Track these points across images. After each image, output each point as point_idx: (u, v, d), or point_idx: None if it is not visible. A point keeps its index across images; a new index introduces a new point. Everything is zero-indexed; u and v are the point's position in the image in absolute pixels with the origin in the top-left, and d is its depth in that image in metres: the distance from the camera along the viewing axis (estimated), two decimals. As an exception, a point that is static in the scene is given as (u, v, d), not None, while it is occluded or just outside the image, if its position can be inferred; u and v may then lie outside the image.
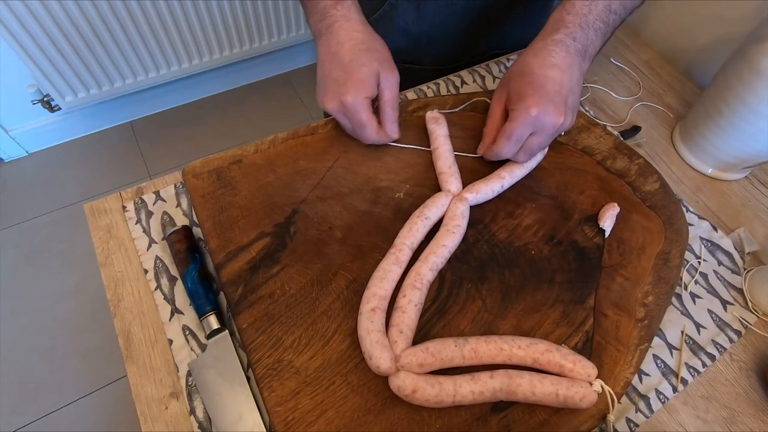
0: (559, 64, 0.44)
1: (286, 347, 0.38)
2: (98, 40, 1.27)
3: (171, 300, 0.45)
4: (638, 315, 0.43)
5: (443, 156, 0.49)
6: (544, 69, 0.44)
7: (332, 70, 0.46)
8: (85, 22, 1.21)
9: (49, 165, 1.52)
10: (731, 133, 0.56)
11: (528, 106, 0.43)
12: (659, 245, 0.48)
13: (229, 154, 0.50)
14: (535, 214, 0.49)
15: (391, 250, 0.42)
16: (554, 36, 0.46)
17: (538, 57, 0.45)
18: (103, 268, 0.46)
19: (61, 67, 1.26)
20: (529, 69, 0.45)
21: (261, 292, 0.41)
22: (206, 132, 1.65)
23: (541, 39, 0.47)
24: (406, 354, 0.36)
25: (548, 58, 0.45)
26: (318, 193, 0.48)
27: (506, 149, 0.46)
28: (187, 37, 1.39)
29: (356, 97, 0.45)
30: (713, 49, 0.69)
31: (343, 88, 0.45)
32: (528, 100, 0.44)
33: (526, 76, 0.45)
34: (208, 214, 0.45)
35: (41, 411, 1.12)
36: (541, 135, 0.45)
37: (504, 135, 0.45)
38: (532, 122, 0.44)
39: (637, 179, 0.52)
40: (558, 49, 0.45)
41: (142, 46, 1.34)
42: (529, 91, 0.44)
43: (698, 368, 0.44)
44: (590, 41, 0.47)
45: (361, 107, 0.46)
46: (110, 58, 1.32)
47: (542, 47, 0.46)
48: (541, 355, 0.38)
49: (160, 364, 0.42)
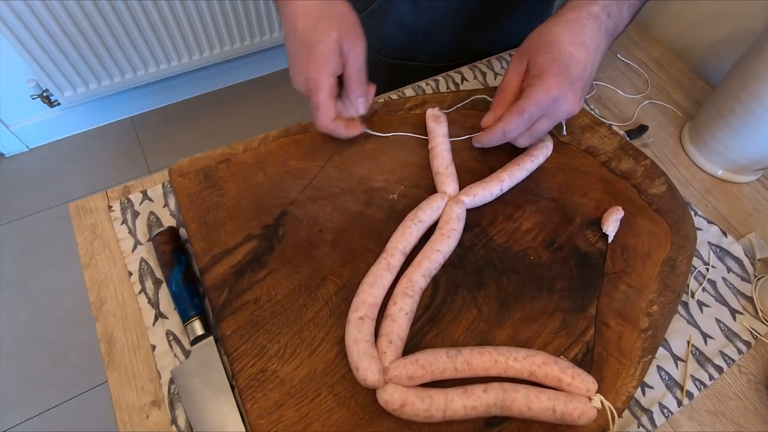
0: (588, 44, 0.40)
1: (270, 356, 0.37)
2: (97, 35, 1.25)
3: (155, 304, 0.43)
4: (642, 325, 0.41)
5: (440, 155, 0.47)
6: (572, 47, 0.40)
7: (291, 46, 0.43)
8: (83, 16, 1.20)
9: (50, 160, 1.52)
10: (744, 133, 0.53)
11: (549, 87, 0.40)
12: (665, 251, 0.45)
13: (218, 152, 0.48)
14: (536, 218, 0.46)
15: (383, 255, 0.40)
16: (590, 8, 0.41)
17: (568, 30, 0.41)
18: (86, 269, 0.45)
19: (60, 63, 1.25)
20: (556, 43, 0.40)
21: (246, 297, 0.39)
22: (207, 127, 1.63)
23: (575, 9, 0.41)
24: (395, 366, 0.34)
25: (579, 34, 0.40)
26: (309, 193, 0.46)
27: (514, 126, 0.42)
28: (187, 32, 1.37)
29: (318, 75, 0.41)
30: (726, 45, 0.66)
31: (306, 64, 0.42)
32: (550, 79, 0.40)
33: (552, 51, 0.40)
34: (194, 215, 0.43)
35: (41, 407, 1.12)
36: (551, 119, 0.42)
37: (516, 110, 0.41)
38: (549, 104, 0.40)
39: (643, 181, 0.50)
40: (591, 24, 0.41)
41: (141, 42, 1.33)
42: (554, 69, 0.40)
43: (705, 381, 0.42)
44: (622, 19, 0.43)
45: (318, 87, 0.42)
46: (109, 53, 1.31)
47: (576, 19, 0.41)
48: (539, 367, 0.36)
49: (142, 371, 0.40)
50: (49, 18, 1.16)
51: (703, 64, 0.69)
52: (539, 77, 0.40)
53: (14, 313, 1.24)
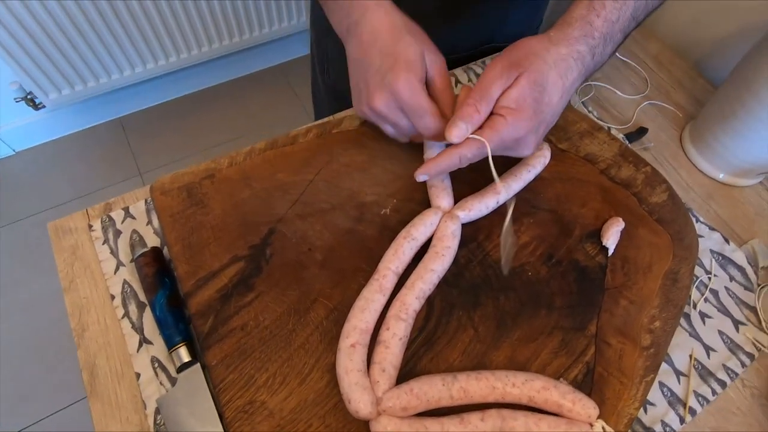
0: (568, 89, 0.39)
1: (259, 386, 0.35)
2: (80, 35, 1.22)
3: (139, 329, 0.41)
4: (644, 343, 0.40)
5: None
6: (555, 89, 0.38)
7: (373, 59, 0.40)
8: (65, 16, 1.16)
9: (38, 163, 1.49)
10: (746, 136, 0.52)
11: (519, 128, 0.37)
12: (667, 264, 0.44)
13: (201, 167, 0.46)
14: (533, 231, 0.45)
15: (375, 276, 0.39)
16: (579, 46, 0.39)
17: (557, 69, 0.38)
18: (66, 293, 0.43)
19: (43, 65, 1.22)
20: (544, 78, 0.38)
21: (233, 323, 0.38)
22: (198, 126, 1.60)
23: (566, 42, 0.39)
24: (389, 396, 0.33)
25: (564, 77, 0.38)
26: (297, 210, 0.44)
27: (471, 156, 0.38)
28: (173, 30, 1.33)
29: (410, 78, 0.38)
30: (729, 42, 0.64)
31: (391, 74, 0.38)
32: (523, 121, 0.37)
33: (538, 85, 0.37)
34: (177, 236, 0.42)
35: (35, 416, 1.11)
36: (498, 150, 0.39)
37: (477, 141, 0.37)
38: (510, 144, 0.38)
39: (643, 189, 0.48)
40: (576, 67, 0.39)
41: (126, 41, 1.29)
42: (530, 110, 0.37)
43: (708, 396, 0.41)
44: (603, 59, 0.41)
45: (418, 90, 0.38)
46: (94, 53, 1.27)
47: (565, 57, 0.38)
48: (538, 393, 0.35)
49: (126, 400, 0.39)
50: (29, 18, 1.12)
51: (704, 61, 0.67)
52: (514, 113, 0.37)
53: (3, 318, 1.22)
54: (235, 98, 1.68)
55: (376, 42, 0.40)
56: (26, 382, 1.15)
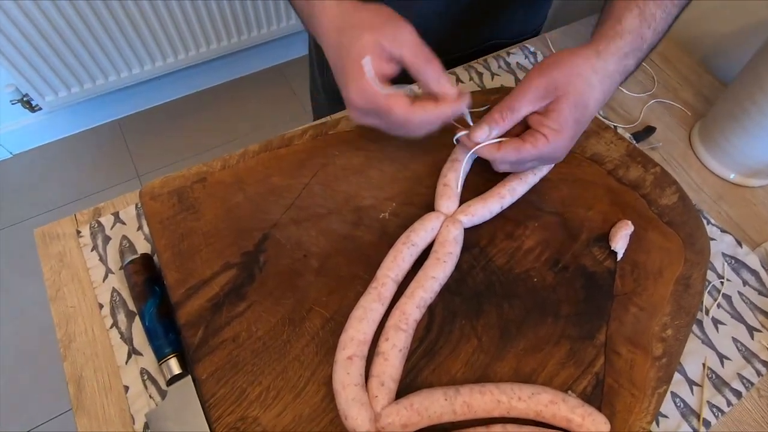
0: (604, 100, 0.38)
1: (251, 401, 0.34)
2: (76, 36, 1.20)
3: (128, 339, 0.40)
4: (656, 352, 0.38)
5: (458, 170, 0.42)
6: (596, 104, 0.37)
7: (332, 62, 0.37)
8: (60, 16, 1.15)
9: (35, 166, 1.48)
10: (758, 135, 0.50)
11: (558, 145, 0.37)
12: (679, 268, 0.42)
13: (193, 171, 0.44)
14: (538, 235, 0.43)
15: (373, 284, 0.37)
16: (628, 61, 0.37)
17: (602, 85, 0.37)
18: (53, 302, 0.42)
19: (39, 66, 1.20)
20: (586, 99, 0.36)
21: (224, 335, 0.36)
22: (197, 128, 1.59)
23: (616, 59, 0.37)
24: (388, 412, 0.31)
25: (609, 91, 0.38)
26: (292, 214, 0.42)
27: (509, 166, 0.39)
28: (170, 30, 1.32)
29: (358, 87, 0.34)
30: (737, 38, 0.62)
31: (345, 82, 0.35)
32: (564, 138, 0.37)
33: (577, 109, 0.36)
34: (167, 242, 0.40)
35: (28, 424, 1.09)
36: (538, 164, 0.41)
37: (521, 154, 0.37)
38: (550, 156, 0.39)
39: (652, 191, 0.47)
40: (620, 78, 0.38)
41: (123, 42, 1.27)
42: (571, 129, 0.37)
43: (722, 407, 0.39)
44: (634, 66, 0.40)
45: (369, 94, 0.34)
46: (90, 55, 1.26)
47: (612, 74, 0.37)
48: (545, 407, 0.33)
49: (114, 415, 0.37)
50: (24, 20, 1.11)
51: (713, 57, 0.66)
52: (556, 134, 0.37)
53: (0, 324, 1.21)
54: (234, 99, 1.66)
55: (329, 42, 0.37)
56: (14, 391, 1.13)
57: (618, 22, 0.37)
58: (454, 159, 0.44)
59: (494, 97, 0.52)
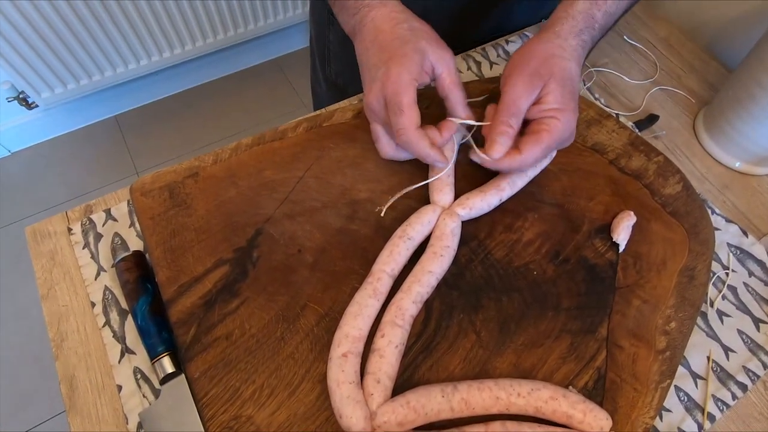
0: (580, 72, 0.41)
1: (245, 400, 0.33)
2: (71, 32, 1.19)
3: (121, 338, 0.39)
4: (659, 346, 0.37)
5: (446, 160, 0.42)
6: (578, 76, 0.41)
7: (371, 57, 0.39)
8: (55, 12, 1.13)
9: (33, 164, 1.47)
10: (764, 119, 0.49)
11: (568, 121, 0.38)
12: (683, 260, 0.41)
13: (184, 166, 0.43)
14: (538, 227, 0.42)
15: (368, 279, 0.36)
16: (584, 36, 0.41)
17: (574, 61, 0.40)
18: (44, 301, 0.41)
19: (34, 63, 1.19)
20: (569, 75, 0.39)
21: (217, 332, 0.35)
22: (196, 123, 1.58)
23: (574, 35, 0.41)
24: (384, 411, 0.30)
25: (581, 63, 0.41)
26: (286, 209, 0.41)
27: (533, 161, 0.38)
28: (166, 25, 1.30)
29: (401, 73, 0.36)
30: (743, 22, 0.60)
31: (384, 69, 0.37)
32: (570, 115, 0.38)
33: (567, 84, 0.39)
34: (158, 239, 0.39)
35: (33, 420, 1.10)
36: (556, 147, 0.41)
37: (540, 146, 0.37)
38: (567, 137, 0.39)
39: (655, 180, 0.45)
40: (584, 53, 0.41)
41: (119, 37, 1.26)
42: (572, 104, 0.39)
43: (727, 401, 0.39)
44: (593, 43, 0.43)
45: (404, 86, 0.36)
46: (86, 51, 1.25)
47: (576, 47, 0.41)
48: (545, 403, 0.32)
49: (107, 415, 0.36)
50: (18, 16, 1.10)
51: (716, 43, 0.64)
52: (562, 112, 0.38)
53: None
54: (233, 94, 1.65)
55: (376, 39, 0.39)
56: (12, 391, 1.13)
57: (571, 6, 0.42)
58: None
59: (493, 86, 0.50)
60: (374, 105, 0.39)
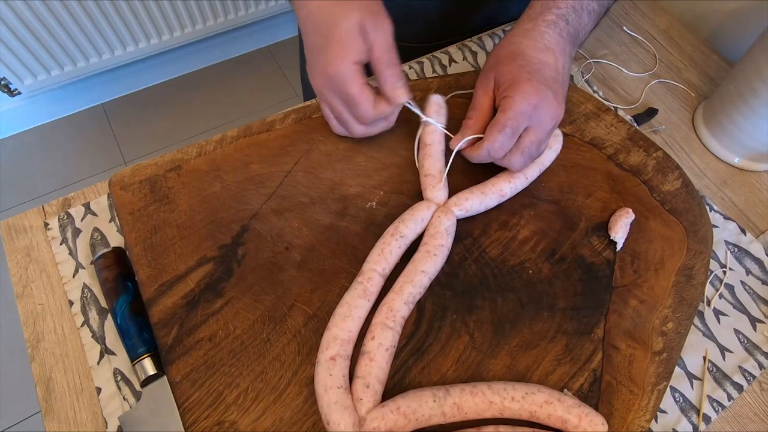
0: (553, 48, 0.39)
1: (228, 404, 0.32)
2: (54, 16, 1.14)
3: (100, 338, 0.38)
4: (656, 347, 0.36)
5: (434, 156, 0.41)
6: (537, 51, 0.39)
7: (308, 37, 0.37)
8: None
9: (17, 153, 1.43)
10: (765, 116, 0.47)
11: (526, 93, 0.36)
12: (681, 259, 0.40)
13: (167, 158, 0.41)
14: (534, 224, 0.41)
15: (358, 279, 0.35)
16: (546, 16, 0.40)
17: (528, 38, 0.39)
18: (19, 300, 0.39)
19: (15, 48, 1.15)
20: (520, 51, 0.39)
21: (199, 334, 0.34)
22: (185, 112, 1.54)
23: (529, 19, 0.41)
24: (373, 417, 0.29)
25: (540, 40, 0.39)
26: (273, 204, 0.40)
27: (499, 144, 0.37)
28: (153, 10, 1.26)
29: (341, 63, 0.35)
30: (744, 15, 0.59)
31: (324, 56, 0.36)
32: (525, 85, 0.36)
33: (518, 59, 0.38)
34: (138, 235, 0.37)
35: (22, 413, 1.08)
36: (538, 131, 0.37)
37: (496, 127, 0.37)
38: (531, 113, 0.36)
39: (654, 177, 0.44)
40: (550, 31, 0.40)
41: (104, 22, 1.22)
42: (524, 76, 0.37)
43: (723, 402, 0.38)
44: (583, 26, 0.42)
45: (348, 77, 0.35)
46: (70, 35, 1.20)
47: (532, 28, 0.40)
48: (540, 407, 0.31)
49: (86, 419, 0.35)
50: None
51: (717, 36, 0.62)
52: (512, 87, 0.37)
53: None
54: (223, 82, 1.61)
55: (310, 15, 0.37)
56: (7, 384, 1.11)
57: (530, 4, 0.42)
58: (425, 144, 0.41)
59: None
60: (322, 90, 0.38)
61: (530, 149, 0.38)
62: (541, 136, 0.37)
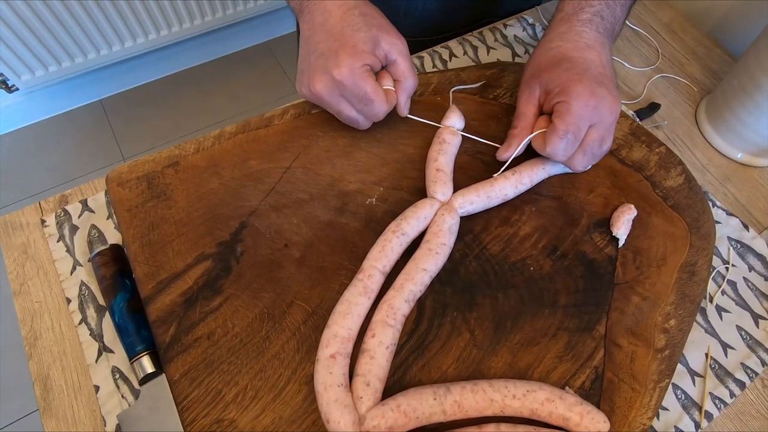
0: (594, 45, 0.39)
1: (227, 403, 0.31)
2: (51, 11, 1.14)
3: (98, 336, 0.37)
4: (658, 344, 0.36)
5: (449, 153, 0.40)
6: (580, 52, 0.39)
7: (319, 43, 0.37)
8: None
9: (15, 150, 1.42)
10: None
11: (580, 95, 0.36)
12: (683, 255, 0.40)
13: (164, 155, 0.41)
14: (536, 220, 0.40)
15: (359, 276, 0.34)
16: (580, 16, 0.40)
17: (566, 40, 0.39)
18: (16, 297, 0.39)
19: (12, 44, 1.14)
20: (562, 54, 0.39)
21: (198, 332, 0.34)
22: (184, 108, 1.53)
23: (563, 21, 0.41)
24: (373, 415, 0.29)
25: (580, 39, 0.39)
26: (272, 201, 0.39)
27: (562, 151, 0.37)
28: (151, 5, 1.25)
29: (353, 64, 0.36)
30: (748, 8, 0.58)
31: (333, 60, 0.36)
32: (577, 87, 0.36)
33: (562, 63, 0.38)
34: (135, 232, 0.37)
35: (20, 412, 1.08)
36: (600, 128, 0.37)
37: (557, 134, 0.36)
38: (589, 114, 0.37)
39: (657, 172, 0.44)
40: (587, 29, 0.40)
41: (102, 17, 1.21)
42: (575, 78, 0.37)
43: (725, 399, 0.38)
44: (617, 19, 0.41)
45: (362, 76, 0.36)
46: (67, 31, 1.19)
47: (568, 29, 0.40)
48: (541, 405, 0.31)
49: (84, 417, 0.35)
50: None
51: (720, 30, 0.62)
52: (565, 91, 0.37)
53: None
54: (222, 78, 1.60)
55: (325, 23, 0.38)
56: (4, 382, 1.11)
57: (558, 8, 0.42)
58: (442, 140, 0.41)
59: (489, 72, 0.48)
60: (323, 93, 0.37)
61: (593, 148, 0.38)
62: (603, 133, 0.37)
